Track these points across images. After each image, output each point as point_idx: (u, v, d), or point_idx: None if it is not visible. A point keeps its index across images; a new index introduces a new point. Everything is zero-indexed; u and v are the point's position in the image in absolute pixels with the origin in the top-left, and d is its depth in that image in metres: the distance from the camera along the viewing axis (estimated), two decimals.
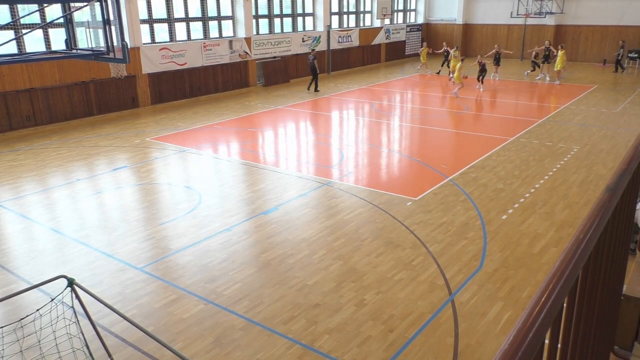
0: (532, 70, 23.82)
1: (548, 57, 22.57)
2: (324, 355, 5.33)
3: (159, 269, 7.17)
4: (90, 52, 6.77)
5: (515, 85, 22.30)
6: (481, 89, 20.73)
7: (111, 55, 6.28)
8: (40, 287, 5.62)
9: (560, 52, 21.16)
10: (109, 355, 5.01)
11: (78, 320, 4.96)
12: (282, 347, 5.47)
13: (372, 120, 16.41)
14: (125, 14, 16.74)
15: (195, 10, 19.86)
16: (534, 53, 23.59)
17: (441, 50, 25.24)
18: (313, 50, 22.86)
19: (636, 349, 2.68)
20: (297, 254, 7.52)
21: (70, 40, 7.09)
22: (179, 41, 19.21)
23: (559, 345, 1.41)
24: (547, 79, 22.68)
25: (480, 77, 20.77)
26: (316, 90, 21.23)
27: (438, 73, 25.05)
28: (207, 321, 5.95)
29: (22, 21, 14.10)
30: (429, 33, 33.45)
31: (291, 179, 10.77)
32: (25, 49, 13.76)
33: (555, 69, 21.54)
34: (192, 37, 19.78)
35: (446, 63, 24.36)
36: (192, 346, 5.52)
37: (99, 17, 6.27)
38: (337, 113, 17.61)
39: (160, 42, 18.65)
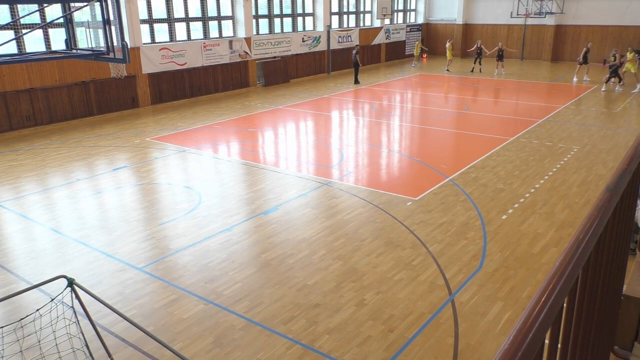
0: (610, 80, 20.68)
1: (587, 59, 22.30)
2: (324, 355, 5.33)
3: (159, 269, 7.16)
4: (90, 52, 6.77)
5: (515, 85, 22.31)
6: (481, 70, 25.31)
7: (111, 55, 6.28)
8: (40, 287, 5.62)
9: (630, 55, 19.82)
10: (109, 355, 5.01)
11: (78, 320, 4.96)
12: (282, 347, 5.47)
13: (372, 120, 16.41)
14: (125, 14, 16.75)
15: (195, 10, 19.86)
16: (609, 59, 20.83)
17: (474, 48, 25.89)
18: (357, 45, 24.36)
19: (636, 349, 2.68)
20: (297, 254, 7.52)
21: (70, 40, 7.09)
22: (179, 41, 19.21)
23: (559, 345, 1.41)
24: (587, 79, 22.58)
25: (478, 60, 25.28)
26: (356, 82, 22.80)
27: (472, 71, 25.63)
28: (207, 321, 5.95)
29: (22, 21, 14.10)
30: (429, 33, 33.46)
31: (291, 179, 10.77)
32: (25, 49, 13.76)
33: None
34: (192, 37, 19.78)
35: (478, 60, 25.39)
36: (192, 346, 5.52)
37: (99, 17, 6.27)
38: (337, 113, 17.61)
39: (160, 42, 18.64)
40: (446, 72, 25.91)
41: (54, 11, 14.81)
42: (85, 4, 6.44)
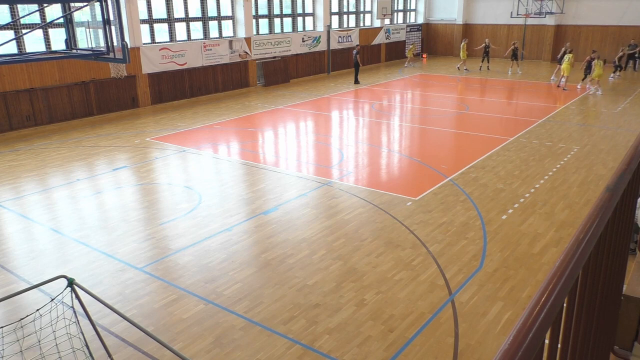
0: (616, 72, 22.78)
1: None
2: (324, 355, 5.33)
3: (159, 269, 7.16)
4: (90, 52, 6.77)
5: (515, 85, 22.30)
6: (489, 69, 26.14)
7: (111, 55, 6.28)
8: (40, 287, 5.62)
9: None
10: (109, 355, 5.01)
11: (78, 320, 4.96)
12: (282, 347, 5.47)
13: (372, 120, 16.40)
14: (125, 14, 16.74)
15: (195, 10, 19.86)
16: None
17: (481, 46, 26.45)
18: (358, 45, 24.59)
19: (636, 349, 2.68)
20: (297, 254, 7.52)
21: (70, 40, 7.09)
22: (179, 41, 19.21)
23: (559, 345, 1.41)
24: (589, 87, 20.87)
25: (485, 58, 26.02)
26: (356, 82, 22.88)
27: (480, 69, 26.23)
28: (207, 321, 5.95)
29: (22, 21, 14.09)
30: (429, 33, 33.45)
31: (291, 179, 10.77)
32: (25, 49, 13.75)
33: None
34: (192, 37, 19.77)
35: (486, 59, 26.08)
36: (192, 346, 5.52)
37: (99, 17, 6.27)
38: (337, 113, 17.61)
39: (160, 42, 18.64)
40: (465, 71, 25.86)
41: (54, 11, 14.80)
42: (85, 4, 6.44)
